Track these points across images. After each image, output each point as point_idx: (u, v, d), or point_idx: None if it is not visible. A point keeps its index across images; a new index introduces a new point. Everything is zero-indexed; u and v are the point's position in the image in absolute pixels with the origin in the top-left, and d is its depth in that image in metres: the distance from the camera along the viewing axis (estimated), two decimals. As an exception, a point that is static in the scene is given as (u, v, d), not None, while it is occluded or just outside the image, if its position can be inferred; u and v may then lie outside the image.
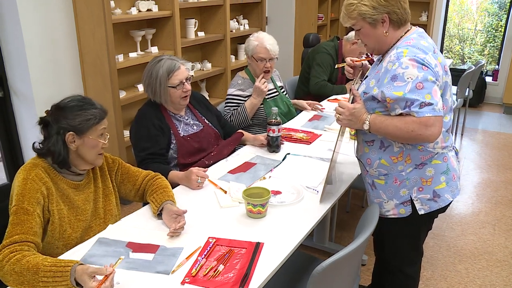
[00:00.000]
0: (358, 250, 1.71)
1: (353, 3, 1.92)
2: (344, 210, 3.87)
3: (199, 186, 2.29)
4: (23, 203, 1.73)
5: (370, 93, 1.92)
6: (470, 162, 4.99)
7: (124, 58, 3.71)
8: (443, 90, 1.89)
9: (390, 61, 1.85)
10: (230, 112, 3.23)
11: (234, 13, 5.32)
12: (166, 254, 1.75)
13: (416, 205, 2.00)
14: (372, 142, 2.03)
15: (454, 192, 2.03)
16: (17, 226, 1.69)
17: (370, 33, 1.95)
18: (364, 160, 2.11)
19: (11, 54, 3.23)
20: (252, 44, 3.23)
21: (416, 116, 1.75)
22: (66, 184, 1.89)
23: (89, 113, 1.86)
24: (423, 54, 1.81)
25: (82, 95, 1.95)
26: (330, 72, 4.13)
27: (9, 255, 1.60)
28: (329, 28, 7.31)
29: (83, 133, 1.85)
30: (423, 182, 1.97)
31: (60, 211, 1.85)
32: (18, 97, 3.33)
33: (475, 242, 3.43)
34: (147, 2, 3.86)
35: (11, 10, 3.08)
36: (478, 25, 8.82)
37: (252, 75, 3.33)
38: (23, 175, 1.79)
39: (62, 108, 1.86)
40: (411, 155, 1.95)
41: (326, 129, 3.17)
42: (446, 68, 1.92)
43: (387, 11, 1.89)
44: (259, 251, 1.77)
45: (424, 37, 1.92)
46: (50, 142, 1.84)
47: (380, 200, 2.08)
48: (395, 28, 1.94)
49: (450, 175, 1.99)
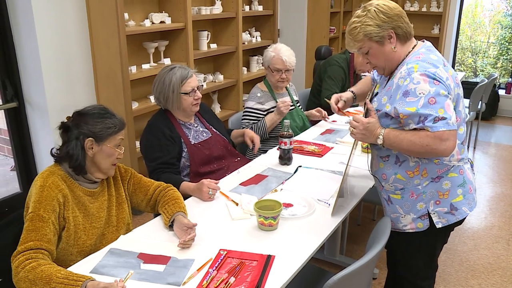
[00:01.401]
0: (370, 263, 1.70)
1: (356, 27, 1.92)
2: (355, 223, 3.85)
3: (210, 198, 2.29)
4: (39, 210, 1.75)
5: (383, 110, 1.92)
6: (483, 176, 4.95)
7: (137, 70, 3.75)
8: (456, 103, 1.88)
9: (401, 77, 1.85)
10: (249, 125, 3.25)
11: (246, 26, 5.35)
12: (177, 266, 1.75)
13: (434, 218, 1.98)
14: (387, 157, 2.02)
15: (471, 205, 2.01)
16: (31, 232, 1.71)
17: (378, 52, 1.95)
18: (379, 175, 2.10)
19: (26, 65, 3.27)
20: (269, 55, 3.28)
21: (431, 131, 1.75)
22: (81, 192, 1.92)
23: (110, 122, 1.91)
24: (433, 68, 1.81)
25: (103, 105, 2.00)
26: (341, 84, 4.13)
27: (24, 262, 1.62)
28: (341, 41, 7.32)
29: (102, 141, 1.90)
30: (440, 195, 1.96)
31: (75, 218, 1.87)
32: (32, 107, 3.37)
33: (488, 257, 3.39)
34: (160, 14, 3.90)
35: (28, 22, 3.13)
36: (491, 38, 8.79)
37: (271, 87, 3.36)
38: (40, 182, 1.82)
39: (84, 114, 1.91)
40: (427, 168, 1.94)
41: (338, 142, 3.16)
42: (457, 80, 1.92)
43: (392, 27, 1.90)
44: (270, 263, 1.76)
45: (432, 51, 1.92)
46: (69, 146, 1.88)
47: (396, 215, 2.07)
48: (402, 43, 1.94)
49: (466, 187, 1.98)
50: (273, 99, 3.35)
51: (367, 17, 1.90)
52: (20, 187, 3.57)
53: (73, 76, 3.45)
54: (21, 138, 3.47)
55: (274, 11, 5.47)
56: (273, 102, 3.34)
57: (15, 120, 3.41)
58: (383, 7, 1.89)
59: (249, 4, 5.31)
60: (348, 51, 4.29)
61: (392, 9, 1.90)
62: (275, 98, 3.36)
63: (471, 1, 8.79)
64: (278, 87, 3.39)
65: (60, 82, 3.36)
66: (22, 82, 3.34)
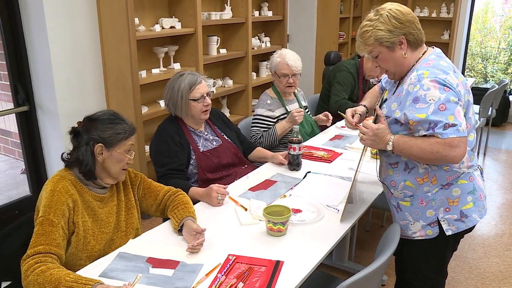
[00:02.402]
0: (379, 270, 1.69)
1: (367, 30, 1.91)
2: (364, 229, 3.83)
3: (219, 203, 2.29)
4: (49, 214, 1.76)
5: (392, 116, 1.91)
6: (493, 183, 4.91)
7: (147, 74, 3.77)
8: (466, 109, 1.87)
9: (411, 83, 1.84)
10: (260, 133, 3.24)
11: (256, 31, 5.36)
12: (186, 271, 1.75)
13: (443, 225, 1.97)
14: (396, 164, 2.01)
15: (481, 212, 1.99)
16: (41, 236, 1.72)
17: (388, 57, 1.94)
18: (388, 182, 2.09)
19: (38, 70, 3.30)
20: (275, 60, 3.28)
21: (441, 137, 1.74)
22: (91, 197, 1.93)
23: (120, 128, 1.91)
24: (444, 75, 1.80)
25: (114, 111, 2.00)
26: (350, 90, 4.12)
27: (34, 265, 1.64)
28: (350, 46, 7.32)
29: (112, 146, 1.90)
30: (449, 203, 1.95)
31: (84, 223, 1.88)
32: (43, 111, 3.40)
33: (499, 265, 3.36)
34: (170, 20, 3.92)
35: (40, 27, 3.16)
36: (501, 44, 8.75)
37: (279, 93, 3.36)
38: (50, 187, 1.83)
39: (95, 120, 1.92)
40: (437, 175, 1.93)
41: (347, 148, 3.16)
42: (467, 86, 1.90)
43: (403, 33, 1.89)
44: (279, 269, 1.76)
45: (442, 57, 1.91)
46: (79, 151, 1.89)
47: (406, 222, 2.06)
48: (412, 49, 1.93)
49: (476, 194, 1.97)
50: (282, 105, 3.35)
51: (379, 22, 1.89)
52: (30, 190, 3.60)
53: (84, 80, 3.48)
54: (32, 141, 3.49)
55: (284, 16, 5.48)
56: (282, 109, 3.34)
57: (26, 123, 3.44)
58: (396, 12, 1.88)
59: (258, 9, 5.33)
60: (358, 57, 4.29)
61: (404, 14, 1.89)
62: (284, 105, 3.36)
63: (481, 7, 8.75)
64: (286, 93, 3.38)
65: (71, 86, 3.39)
66: (33, 87, 3.37)
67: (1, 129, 4.81)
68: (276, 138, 3.20)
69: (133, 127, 1.98)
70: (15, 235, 1.96)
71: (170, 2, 4.09)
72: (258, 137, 3.22)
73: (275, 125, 3.23)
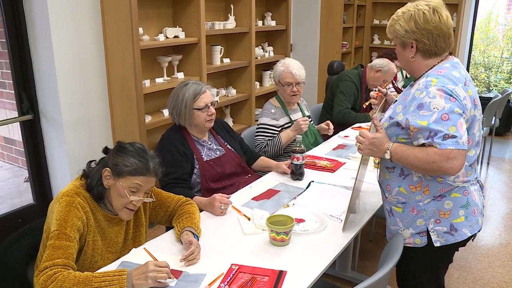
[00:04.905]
0: (382, 280, 1.69)
1: (394, 19, 1.95)
2: (368, 239, 3.82)
3: (222, 212, 2.30)
4: (66, 229, 1.74)
5: (395, 119, 1.91)
6: (496, 192, 4.89)
7: (150, 84, 3.78)
8: (470, 124, 1.86)
9: (418, 89, 1.84)
10: (264, 142, 3.25)
11: (259, 40, 5.38)
12: (189, 280, 1.75)
13: (432, 236, 1.95)
14: (392, 168, 2.01)
15: (474, 227, 1.96)
16: (59, 250, 1.70)
17: (400, 52, 1.99)
18: (384, 186, 2.09)
19: (42, 79, 3.32)
20: (278, 70, 3.30)
21: (438, 148, 1.73)
22: (102, 216, 1.92)
23: (130, 161, 1.86)
24: (452, 85, 1.79)
25: (144, 146, 1.96)
26: (354, 100, 4.13)
27: (53, 275, 1.62)
28: (353, 56, 7.34)
29: (117, 176, 1.87)
30: (440, 215, 1.93)
31: (94, 243, 1.88)
32: (47, 120, 3.41)
33: (504, 275, 3.34)
34: (174, 29, 3.94)
35: (45, 37, 3.18)
36: (504, 53, 8.75)
37: (283, 102, 3.37)
38: (66, 201, 1.80)
39: (119, 146, 1.92)
40: (429, 186, 1.92)
41: (351, 157, 3.16)
42: (476, 101, 1.88)
43: (415, 38, 1.89)
44: (282, 279, 1.76)
45: (457, 68, 1.89)
46: (95, 168, 1.90)
47: (396, 227, 2.06)
48: (424, 57, 1.92)
49: (470, 209, 1.94)
50: (286, 115, 3.36)
51: (403, 18, 1.91)
52: (33, 198, 3.60)
53: (88, 89, 3.49)
54: (36, 150, 3.50)
55: (287, 26, 5.50)
56: (286, 118, 3.35)
57: (30, 132, 3.45)
58: (421, 15, 1.86)
59: (262, 19, 5.35)
60: (361, 66, 4.31)
61: (428, 21, 1.85)
62: (288, 114, 3.36)
63: (484, 16, 8.77)
64: (290, 103, 3.39)
65: (75, 95, 3.40)
66: (38, 95, 3.39)
67: (5, 137, 4.82)
68: (281, 147, 3.21)
69: (149, 169, 1.89)
70: (19, 244, 1.96)
71: (174, 11, 4.12)
72: (263, 146, 3.23)
73: (280, 134, 3.24)
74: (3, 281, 1.92)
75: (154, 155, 1.94)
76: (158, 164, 1.94)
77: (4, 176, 4.82)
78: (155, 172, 1.92)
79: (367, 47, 7.87)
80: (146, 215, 2.12)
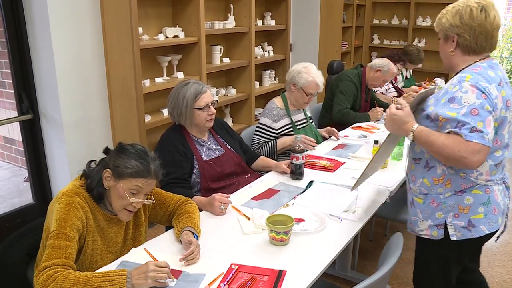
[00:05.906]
0: (382, 280, 1.69)
1: (443, 13, 1.98)
2: (367, 238, 3.82)
3: (222, 212, 2.30)
4: (65, 228, 1.74)
5: (426, 111, 1.94)
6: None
7: (150, 83, 3.78)
8: (500, 124, 1.87)
9: (452, 83, 1.87)
10: (260, 143, 3.26)
11: (259, 40, 5.38)
12: (189, 280, 1.75)
13: (450, 230, 1.97)
14: (419, 160, 2.04)
15: (492, 226, 1.97)
16: (58, 250, 1.70)
17: (441, 45, 2.02)
18: (409, 176, 2.12)
19: (42, 78, 3.32)
20: (304, 77, 3.26)
21: (464, 138, 1.73)
22: (102, 216, 1.92)
23: (131, 163, 1.86)
24: (486, 83, 1.80)
25: (145, 148, 1.95)
26: (353, 99, 4.13)
27: (53, 275, 1.62)
28: (353, 56, 7.34)
29: (117, 178, 1.87)
30: (460, 209, 1.95)
31: (94, 243, 1.88)
32: (47, 119, 3.41)
33: (503, 275, 3.34)
34: (174, 29, 3.94)
35: (44, 36, 3.18)
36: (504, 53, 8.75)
37: (287, 104, 3.38)
38: (66, 201, 1.80)
39: (120, 147, 1.91)
40: (452, 180, 1.93)
41: (350, 157, 3.16)
42: (509, 103, 1.88)
43: (457, 32, 1.91)
44: (281, 279, 1.76)
45: (494, 68, 1.90)
46: (96, 168, 1.90)
47: (416, 218, 2.09)
48: (463, 53, 1.94)
49: (490, 207, 1.95)
50: (288, 116, 3.35)
51: (451, 12, 1.93)
52: (33, 198, 3.60)
53: (88, 89, 3.49)
54: (35, 149, 3.50)
55: (287, 25, 5.50)
56: (287, 120, 3.34)
57: (30, 132, 3.45)
58: (468, 11, 1.88)
59: (261, 19, 5.35)
60: (360, 66, 4.31)
61: (473, 18, 1.87)
62: (290, 115, 3.36)
63: (484, 16, 8.75)
64: (300, 106, 3.41)
65: (75, 95, 3.40)
66: (37, 95, 3.39)
67: (5, 137, 4.82)
68: (275, 152, 3.22)
69: (150, 171, 1.88)
70: (18, 244, 1.96)
71: (174, 11, 4.12)
72: (257, 146, 3.24)
73: (277, 140, 3.24)
74: (3, 281, 1.92)
75: (155, 157, 1.94)
76: (159, 166, 1.93)
77: (4, 175, 4.82)
78: (156, 175, 1.92)
79: (366, 47, 7.88)
80: (146, 215, 2.12)
